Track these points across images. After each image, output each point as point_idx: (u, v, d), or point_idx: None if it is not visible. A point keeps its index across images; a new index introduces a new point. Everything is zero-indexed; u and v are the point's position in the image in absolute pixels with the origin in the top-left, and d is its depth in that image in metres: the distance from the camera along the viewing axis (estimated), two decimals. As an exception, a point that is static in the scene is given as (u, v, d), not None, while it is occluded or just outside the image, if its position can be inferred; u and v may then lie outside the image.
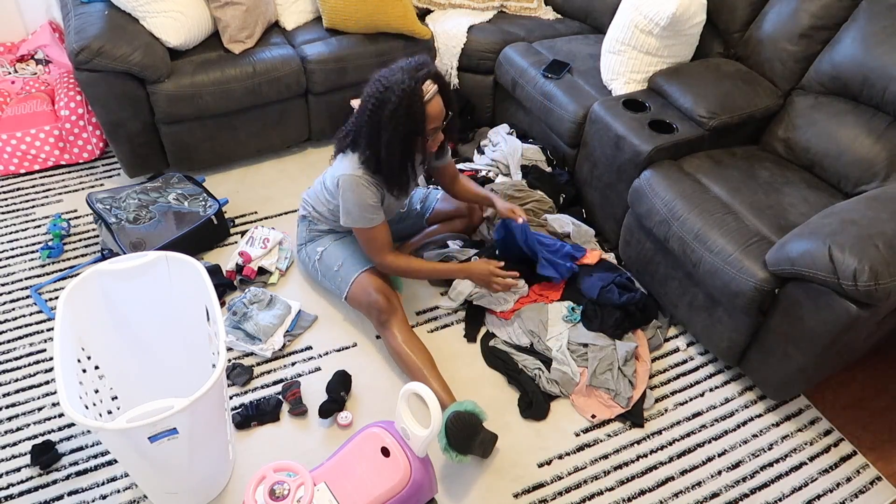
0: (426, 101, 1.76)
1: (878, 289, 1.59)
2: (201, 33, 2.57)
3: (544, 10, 3.12)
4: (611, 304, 2.12)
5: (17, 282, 2.27)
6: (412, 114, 1.75)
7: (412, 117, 1.76)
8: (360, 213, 1.91)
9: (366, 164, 1.87)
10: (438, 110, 1.80)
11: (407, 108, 1.74)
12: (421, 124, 1.78)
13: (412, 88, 1.73)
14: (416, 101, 1.74)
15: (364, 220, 1.92)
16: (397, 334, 1.99)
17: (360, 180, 1.87)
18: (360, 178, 1.87)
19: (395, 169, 1.86)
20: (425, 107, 1.76)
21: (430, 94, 1.76)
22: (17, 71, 2.97)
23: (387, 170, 1.86)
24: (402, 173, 1.89)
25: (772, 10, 2.38)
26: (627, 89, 2.46)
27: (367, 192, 1.88)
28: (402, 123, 1.76)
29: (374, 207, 1.91)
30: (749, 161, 2.24)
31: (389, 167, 1.85)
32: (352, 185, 1.87)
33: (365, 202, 1.89)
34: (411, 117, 1.76)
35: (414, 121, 1.76)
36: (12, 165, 2.67)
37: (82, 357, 1.59)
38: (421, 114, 1.76)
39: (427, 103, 1.76)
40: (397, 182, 1.91)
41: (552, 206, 2.43)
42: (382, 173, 1.88)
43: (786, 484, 1.87)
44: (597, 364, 2.01)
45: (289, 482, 1.40)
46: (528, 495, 1.79)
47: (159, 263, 1.64)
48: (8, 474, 1.75)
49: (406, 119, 1.75)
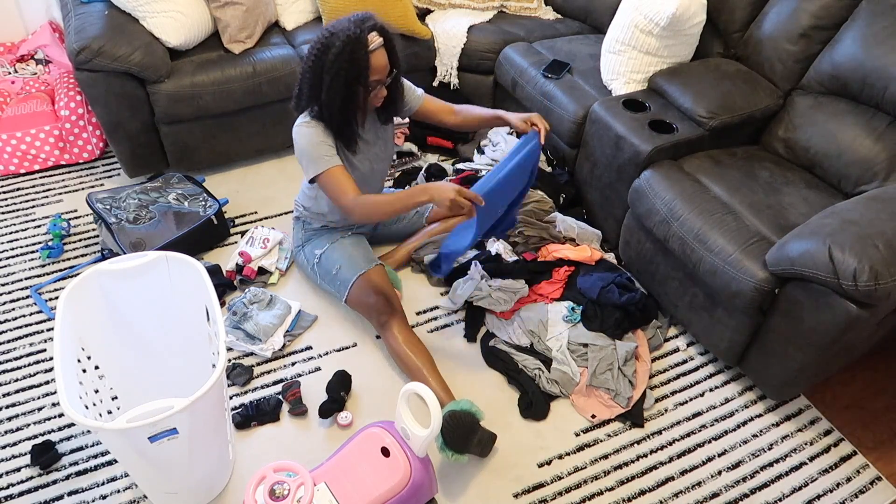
0: (370, 51, 1.76)
1: (878, 289, 1.59)
2: (201, 33, 2.57)
3: (544, 10, 3.12)
4: (611, 304, 2.12)
5: (17, 282, 2.27)
6: (355, 60, 1.75)
7: (355, 63, 1.76)
8: (314, 156, 1.86)
9: (311, 115, 1.88)
10: (382, 62, 1.80)
11: (350, 54, 1.74)
12: (364, 72, 1.78)
13: (357, 35, 1.74)
14: (360, 48, 1.74)
15: (319, 163, 1.86)
16: (397, 335, 1.99)
17: (306, 125, 1.87)
18: (309, 124, 1.87)
19: (335, 116, 1.85)
20: (369, 55, 1.76)
21: (375, 45, 1.77)
22: (17, 71, 2.97)
23: (328, 117, 1.86)
24: (345, 123, 1.88)
25: (772, 10, 2.38)
26: (627, 89, 2.46)
27: (313, 131, 1.87)
28: (345, 69, 1.76)
29: (325, 146, 1.88)
30: (749, 161, 2.24)
31: (331, 115, 1.85)
32: (300, 132, 1.88)
33: (315, 141, 1.87)
34: (354, 63, 1.76)
35: (357, 68, 1.76)
36: (12, 165, 2.67)
37: (82, 357, 1.59)
38: (364, 61, 1.76)
39: (371, 52, 1.76)
40: (342, 132, 1.89)
41: (552, 206, 2.43)
42: (326, 123, 1.87)
43: (786, 484, 1.87)
44: (597, 364, 2.01)
45: (289, 482, 1.40)
46: (528, 495, 1.79)
47: (159, 263, 1.64)
48: (8, 474, 1.75)
49: (349, 65, 1.75)
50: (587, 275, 2.24)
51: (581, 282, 2.22)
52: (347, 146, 1.95)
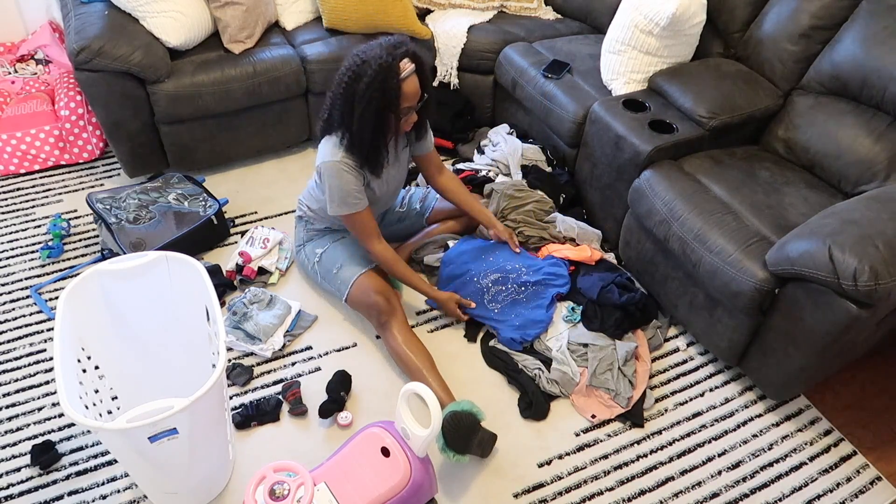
0: (402, 78, 1.75)
1: (878, 289, 1.59)
2: (201, 33, 2.57)
3: (544, 10, 3.12)
4: (611, 304, 2.12)
5: (17, 282, 2.27)
6: (387, 89, 1.75)
7: (387, 92, 1.75)
8: (343, 199, 1.91)
9: (343, 145, 1.87)
10: (414, 89, 1.80)
11: (382, 83, 1.74)
12: (395, 100, 1.77)
13: (389, 63, 1.73)
14: (392, 77, 1.74)
15: (348, 206, 1.93)
16: (397, 335, 1.99)
17: (340, 165, 1.87)
18: (341, 163, 1.87)
19: (367, 144, 1.85)
20: (401, 83, 1.75)
21: (407, 72, 1.76)
22: (17, 71, 2.97)
23: (359, 144, 1.85)
24: (376, 149, 1.88)
25: (772, 10, 2.38)
26: (627, 89, 2.46)
27: (349, 176, 1.89)
28: (377, 98, 1.76)
29: (356, 192, 1.91)
30: (749, 161, 2.24)
31: (361, 142, 1.85)
32: (333, 172, 1.88)
33: (347, 187, 1.89)
34: (386, 92, 1.75)
35: (388, 96, 1.76)
36: (12, 165, 2.67)
37: (82, 357, 1.59)
38: (396, 90, 1.75)
39: (403, 80, 1.76)
40: (371, 159, 1.89)
41: (552, 206, 2.43)
42: (355, 150, 1.87)
43: (786, 484, 1.87)
44: (597, 364, 2.01)
45: (289, 482, 1.40)
46: (528, 495, 1.79)
47: (159, 263, 1.64)
48: (8, 474, 1.75)
49: (381, 94, 1.75)
50: (587, 275, 2.24)
51: (581, 282, 2.22)
52: (373, 171, 1.94)
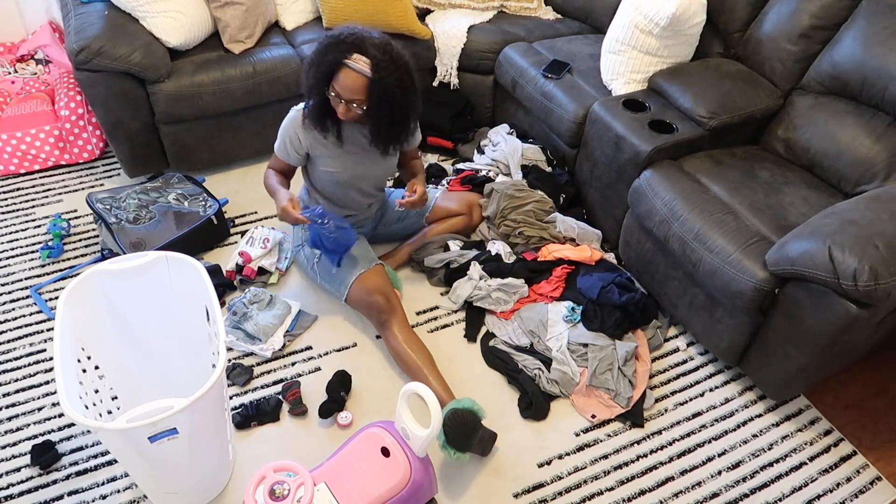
0: (341, 62, 1.77)
1: (878, 289, 1.59)
2: (201, 33, 2.57)
3: (544, 10, 3.12)
4: (611, 305, 2.12)
5: (17, 282, 2.27)
6: (322, 62, 1.80)
7: (321, 64, 1.80)
8: (280, 140, 2.04)
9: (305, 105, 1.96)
10: (350, 82, 1.78)
11: (324, 50, 1.80)
12: (322, 75, 1.81)
13: (341, 38, 1.78)
14: (335, 50, 1.78)
15: (279, 148, 2.06)
16: (397, 334, 1.99)
17: (296, 114, 1.98)
18: (297, 113, 1.98)
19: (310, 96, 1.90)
20: (338, 66, 1.78)
21: (354, 65, 1.77)
22: (17, 71, 2.97)
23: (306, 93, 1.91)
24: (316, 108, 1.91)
25: (772, 10, 2.38)
26: (627, 89, 2.46)
27: (292, 128, 1.99)
28: (318, 60, 1.82)
29: (289, 144, 2.01)
30: (749, 161, 2.24)
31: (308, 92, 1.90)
32: (289, 116, 2.01)
33: (285, 134, 2.01)
34: (321, 64, 1.80)
35: (321, 66, 1.81)
36: (12, 165, 2.67)
37: (82, 357, 1.59)
38: (328, 65, 1.79)
39: (341, 65, 1.77)
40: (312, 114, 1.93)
41: (552, 206, 2.43)
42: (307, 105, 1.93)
43: (786, 484, 1.87)
44: (597, 364, 2.01)
45: (289, 482, 1.40)
46: (528, 495, 1.79)
47: (159, 263, 1.64)
48: (8, 474, 1.75)
49: (321, 58, 1.81)
50: (587, 275, 2.24)
51: (581, 282, 2.22)
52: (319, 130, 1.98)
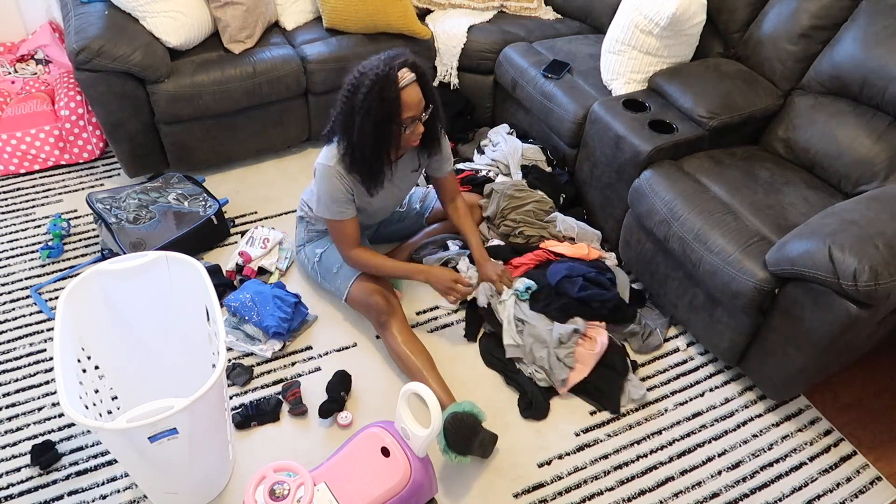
0: (401, 87, 1.74)
1: (878, 289, 1.59)
2: (201, 33, 2.57)
3: (544, 10, 3.12)
4: (566, 294, 2.09)
5: (17, 282, 2.27)
6: (385, 98, 1.73)
7: (385, 101, 1.74)
8: (329, 204, 1.92)
9: (343, 157, 1.87)
10: (415, 98, 1.77)
11: (380, 92, 1.72)
12: (395, 109, 1.75)
13: (386, 73, 1.72)
14: (390, 85, 1.72)
15: (332, 212, 1.93)
16: (397, 335, 1.99)
17: (333, 171, 1.87)
18: (334, 170, 1.87)
19: (367, 157, 1.83)
20: (400, 92, 1.74)
21: (406, 81, 1.74)
22: (17, 71, 2.97)
23: (359, 157, 1.84)
24: (376, 162, 1.86)
25: (772, 10, 2.38)
26: (627, 89, 2.46)
27: (339, 185, 1.88)
28: (375, 108, 1.74)
29: (343, 201, 1.91)
30: (749, 161, 2.24)
31: (362, 154, 1.83)
32: (325, 175, 1.88)
33: (335, 194, 1.90)
34: (385, 101, 1.73)
35: (387, 105, 1.74)
36: (12, 165, 2.67)
37: (82, 357, 1.59)
38: (395, 99, 1.74)
39: (402, 89, 1.74)
40: (370, 173, 1.88)
41: (552, 206, 2.43)
42: (356, 163, 1.86)
43: (786, 484, 1.87)
44: (531, 342, 2.02)
45: (289, 482, 1.40)
46: (528, 495, 1.79)
47: (159, 263, 1.64)
48: (8, 474, 1.75)
49: (379, 103, 1.73)
50: (562, 262, 2.20)
51: (552, 267, 2.18)
52: (373, 186, 1.93)
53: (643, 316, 2.25)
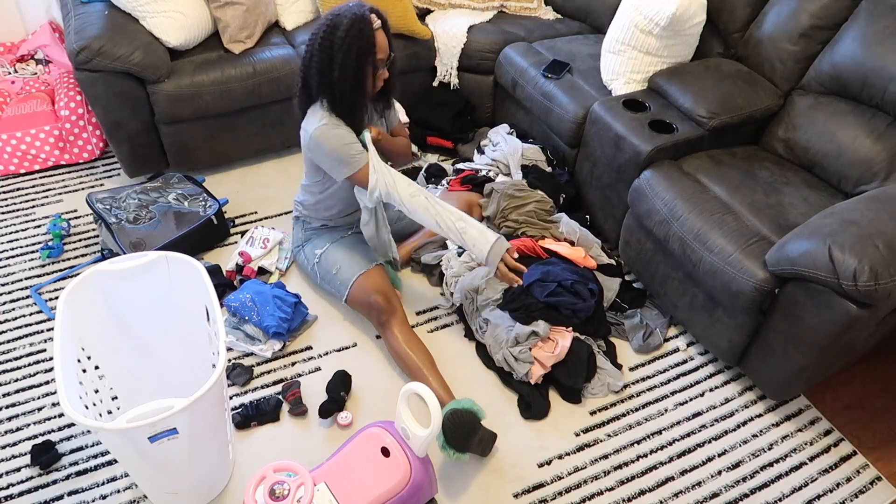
0: (375, 28, 1.81)
1: (878, 289, 1.59)
2: (201, 33, 2.57)
3: (544, 10, 3.12)
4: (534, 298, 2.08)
5: (17, 282, 2.27)
6: (364, 35, 1.80)
7: (363, 39, 1.80)
8: (345, 156, 1.88)
9: (324, 107, 1.89)
10: (384, 42, 1.85)
11: (359, 30, 1.79)
12: (371, 49, 1.82)
13: (362, 13, 1.80)
14: (366, 25, 1.79)
15: (352, 163, 1.89)
16: (397, 334, 1.99)
17: (330, 126, 1.88)
18: (329, 124, 1.88)
19: (347, 97, 1.87)
20: (374, 32, 1.81)
21: (377, 24, 1.83)
22: (17, 71, 2.97)
23: (340, 99, 1.87)
24: (358, 106, 1.89)
25: (772, 10, 2.38)
26: (627, 89, 2.46)
27: (340, 131, 1.88)
28: (356, 44, 1.80)
29: (354, 144, 1.90)
30: (749, 161, 2.24)
31: (343, 96, 1.86)
32: (326, 134, 1.87)
33: (344, 141, 1.88)
34: (363, 39, 1.80)
35: (366, 43, 1.81)
36: (12, 165, 2.67)
37: (82, 357, 1.59)
38: (371, 37, 1.81)
39: (376, 30, 1.82)
40: (353, 115, 1.91)
41: (553, 206, 2.43)
42: (340, 106, 1.88)
43: (786, 484, 1.87)
44: (492, 341, 2.03)
45: (289, 482, 1.40)
46: (528, 495, 1.79)
47: (159, 263, 1.64)
48: (8, 474, 1.75)
49: (359, 40, 1.80)
50: (545, 264, 2.17)
51: (531, 267, 2.15)
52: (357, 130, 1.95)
53: (643, 316, 2.25)
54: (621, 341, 2.21)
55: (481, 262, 1.95)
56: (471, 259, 2.24)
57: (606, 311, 2.22)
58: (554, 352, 1.99)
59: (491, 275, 2.10)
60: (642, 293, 2.34)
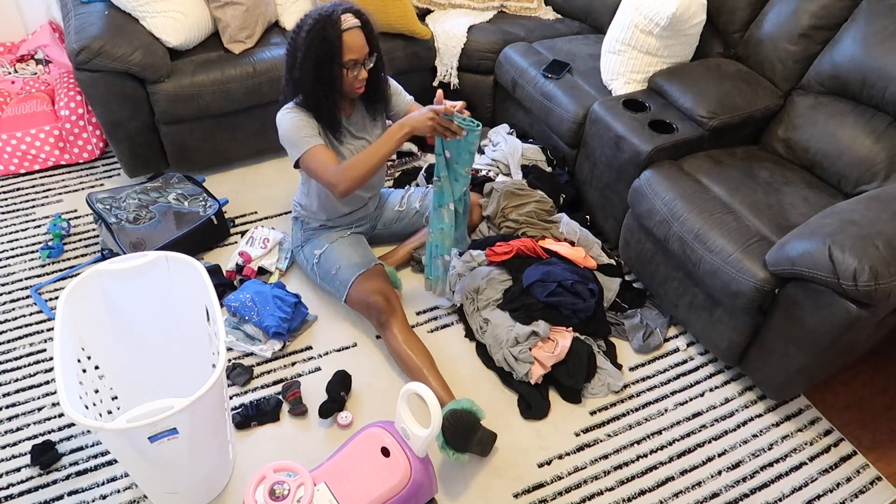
0: (343, 29, 1.80)
1: (878, 289, 1.59)
2: (201, 33, 2.57)
3: (544, 10, 3.12)
4: (534, 298, 2.09)
5: (17, 282, 2.27)
6: (326, 37, 1.79)
7: (326, 40, 1.79)
8: (296, 138, 1.90)
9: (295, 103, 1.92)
10: (358, 43, 1.83)
11: (321, 31, 1.79)
12: (336, 49, 1.81)
13: (329, 14, 1.79)
14: (331, 26, 1.79)
15: (302, 142, 1.90)
16: (397, 334, 1.99)
17: (288, 110, 1.92)
18: (289, 108, 1.92)
19: (311, 95, 1.88)
20: (342, 33, 1.80)
21: (349, 24, 1.81)
22: (17, 71, 2.97)
23: (305, 97, 1.89)
24: (324, 103, 1.90)
25: (772, 10, 2.38)
26: (627, 89, 2.46)
27: (295, 115, 1.91)
28: (315, 45, 1.80)
29: (308, 127, 1.91)
30: (749, 161, 2.24)
31: (305, 92, 1.88)
32: (282, 117, 1.92)
33: (297, 123, 1.90)
34: (325, 40, 1.79)
35: (328, 44, 1.80)
36: (12, 165, 2.67)
37: (82, 357, 1.59)
38: (336, 38, 1.79)
39: (344, 31, 1.80)
40: (321, 112, 1.91)
41: (553, 206, 2.43)
42: (307, 106, 1.91)
43: (786, 484, 1.87)
44: (492, 341, 2.04)
45: (289, 482, 1.40)
46: (528, 495, 1.79)
47: (159, 263, 1.64)
48: (8, 474, 1.75)
49: (320, 41, 1.79)
50: (545, 264, 2.17)
51: (530, 268, 2.15)
52: (332, 130, 1.97)
53: (643, 316, 2.25)
54: (621, 341, 2.21)
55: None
56: (471, 259, 2.24)
57: (606, 311, 2.23)
58: (554, 352, 1.99)
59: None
60: (642, 293, 2.34)
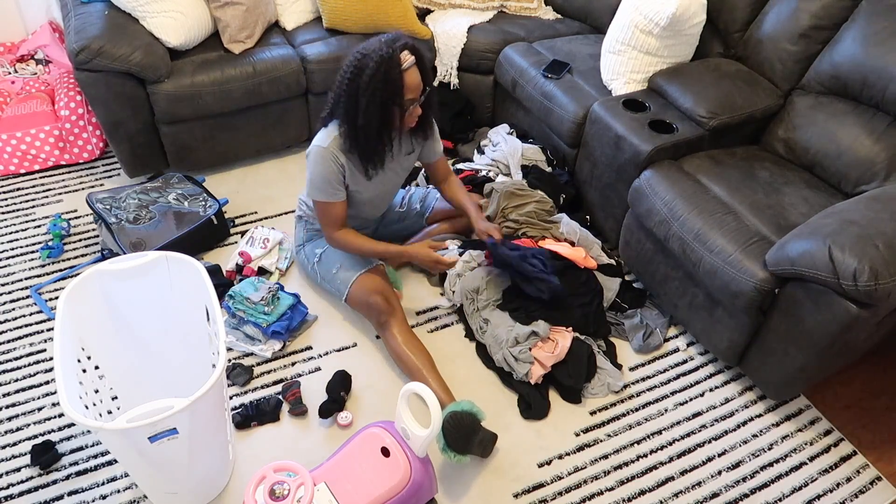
0: (404, 69, 1.77)
1: (878, 289, 1.59)
2: (201, 33, 2.57)
3: (544, 10, 3.12)
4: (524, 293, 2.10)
5: (17, 282, 2.27)
6: (390, 80, 1.76)
7: (390, 83, 1.77)
8: (322, 185, 1.94)
9: (343, 137, 1.89)
10: (416, 81, 1.82)
11: (385, 74, 1.76)
12: (399, 91, 1.79)
13: (390, 55, 1.75)
14: (394, 68, 1.76)
15: (325, 193, 1.95)
16: (397, 335, 1.99)
17: (328, 153, 1.89)
18: (328, 151, 1.89)
19: (371, 139, 1.87)
20: (403, 74, 1.77)
21: (408, 64, 1.78)
22: (17, 71, 2.97)
23: (363, 140, 1.87)
24: (379, 144, 1.90)
25: (772, 10, 2.38)
26: (627, 89, 2.46)
27: (333, 167, 1.91)
28: (380, 89, 1.77)
29: (336, 182, 1.93)
30: (749, 161, 2.24)
31: (366, 136, 1.86)
32: (320, 157, 1.90)
33: (328, 176, 1.92)
34: (389, 83, 1.77)
35: (392, 87, 1.78)
36: (12, 165, 2.67)
37: (82, 357, 1.59)
38: (398, 80, 1.77)
39: (405, 71, 1.78)
40: (373, 154, 1.91)
41: (553, 206, 2.43)
42: (359, 145, 1.88)
43: (786, 484, 1.87)
44: (492, 340, 2.04)
45: (289, 482, 1.40)
46: (528, 495, 1.79)
47: (159, 263, 1.64)
48: (8, 474, 1.75)
49: (384, 85, 1.77)
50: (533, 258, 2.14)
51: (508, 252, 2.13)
52: (372, 167, 1.96)
53: (643, 316, 2.25)
54: (621, 341, 2.21)
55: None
56: (471, 259, 2.24)
57: (606, 311, 2.23)
58: (554, 352, 1.99)
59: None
60: (642, 293, 2.34)
